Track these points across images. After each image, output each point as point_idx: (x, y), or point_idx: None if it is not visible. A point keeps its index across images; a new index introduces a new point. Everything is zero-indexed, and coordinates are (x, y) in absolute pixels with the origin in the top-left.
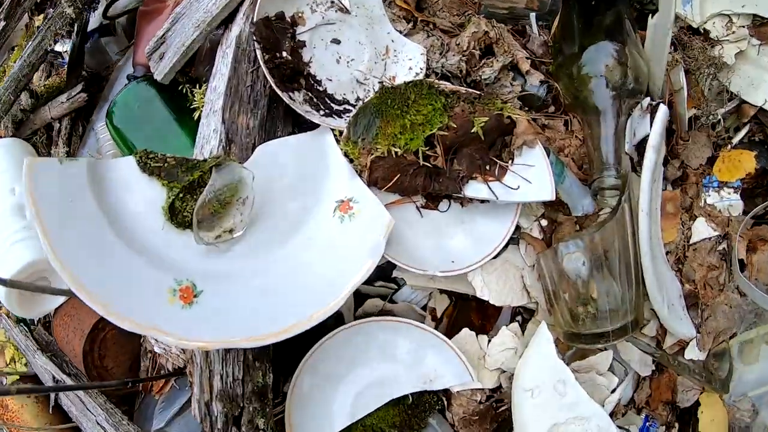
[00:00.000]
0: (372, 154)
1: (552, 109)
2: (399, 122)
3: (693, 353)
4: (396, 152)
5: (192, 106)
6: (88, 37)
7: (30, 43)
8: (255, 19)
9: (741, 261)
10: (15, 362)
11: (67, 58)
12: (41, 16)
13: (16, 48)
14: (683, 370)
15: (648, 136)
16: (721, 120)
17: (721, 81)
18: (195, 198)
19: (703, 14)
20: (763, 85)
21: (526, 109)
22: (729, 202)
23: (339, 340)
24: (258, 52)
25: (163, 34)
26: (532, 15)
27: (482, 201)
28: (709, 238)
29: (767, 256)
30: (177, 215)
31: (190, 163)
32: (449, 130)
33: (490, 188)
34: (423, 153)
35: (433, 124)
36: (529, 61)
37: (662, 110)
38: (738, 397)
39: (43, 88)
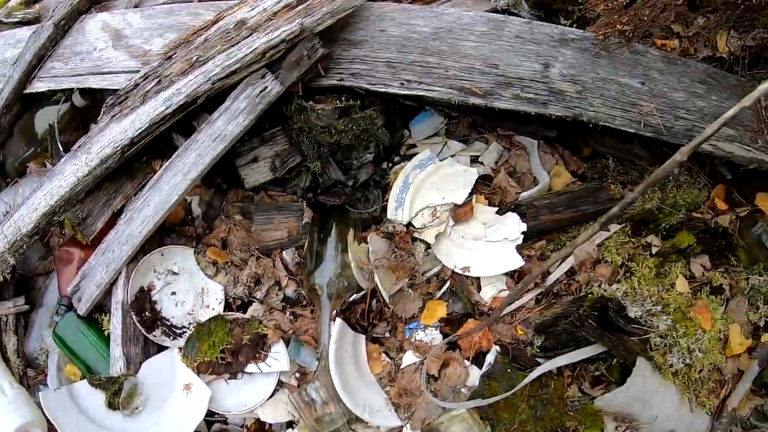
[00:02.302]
0: (196, 362)
1: (304, 303)
2: (208, 342)
3: None
4: (207, 360)
5: (105, 331)
6: None
7: None
8: (129, 303)
9: (433, 375)
10: None
11: None
12: None
13: None
14: None
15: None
16: (429, 281)
17: (430, 252)
18: (118, 397)
19: (413, 211)
20: (455, 253)
21: (289, 306)
22: (432, 337)
23: None
24: (134, 318)
25: (78, 283)
26: (286, 252)
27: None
28: (414, 363)
29: (455, 370)
30: (112, 406)
31: (112, 380)
32: (232, 344)
33: (258, 367)
34: (219, 358)
35: (223, 341)
36: (287, 277)
37: (337, 324)
38: None
39: None
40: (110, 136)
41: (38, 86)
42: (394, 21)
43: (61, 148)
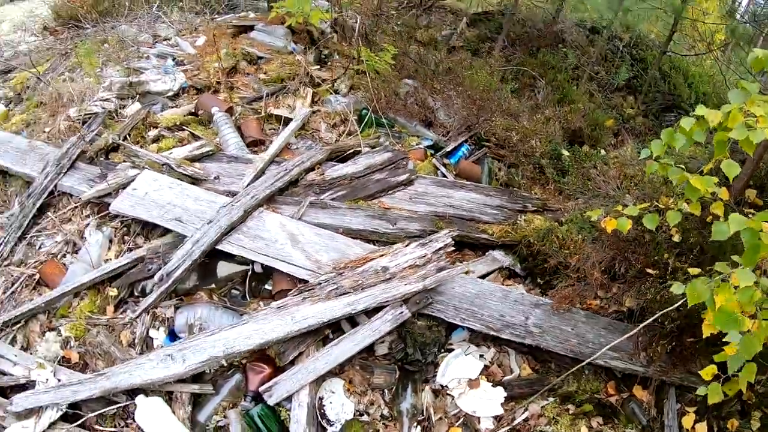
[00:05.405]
0: None
1: (391, 418)
2: None
3: None
4: None
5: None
6: None
7: None
8: (316, 406)
9: None
10: None
11: None
12: None
13: None
14: None
15: None
16: (455, 415)
17: (455, 401)
18: None
19: (448, 378)
20: (469, 403)
21: (383, 419)
22: None
23: None
24: (317, 413)
25: (271, 387)
26: (386, 390)
27: None
28: None
29: None
30: None
31: None
32: None
33: None
34: None
35: None
36: (384, 404)
37: None
38: None
39: None
40: (309, 312)
41: (230, 248)
42: (457, 283)
43: (241, 297)
